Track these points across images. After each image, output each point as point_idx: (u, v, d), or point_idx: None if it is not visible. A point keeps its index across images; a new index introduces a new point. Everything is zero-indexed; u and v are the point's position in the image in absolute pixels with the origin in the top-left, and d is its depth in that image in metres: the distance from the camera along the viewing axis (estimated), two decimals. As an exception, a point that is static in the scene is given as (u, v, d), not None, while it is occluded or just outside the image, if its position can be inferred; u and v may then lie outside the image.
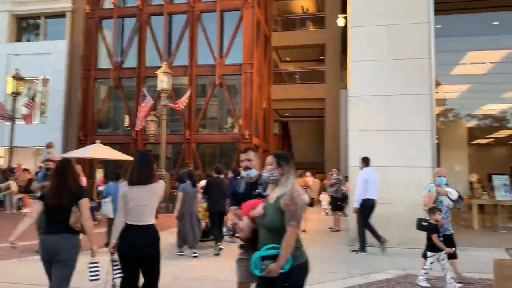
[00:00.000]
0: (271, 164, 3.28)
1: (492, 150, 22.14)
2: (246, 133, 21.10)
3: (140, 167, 3.97)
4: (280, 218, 3.08)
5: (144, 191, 3.91)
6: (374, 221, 8.71)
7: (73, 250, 3.84)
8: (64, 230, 3.81)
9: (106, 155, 13.24)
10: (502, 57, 13.21)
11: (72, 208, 3.85)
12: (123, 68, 23.27)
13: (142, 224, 3.87)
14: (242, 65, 21.62)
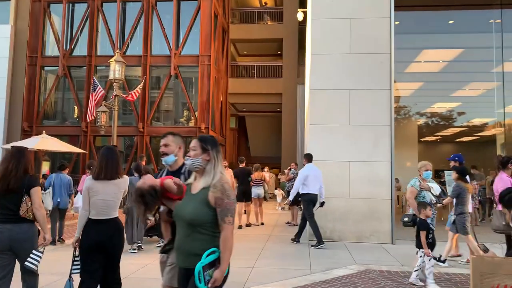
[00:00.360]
0: (194, 149, 2.83)
1: (439, 148, 23.00)
2: (203, 126, 20.64)
3: (106, 162, 3.96)
4: (204, 212, 2.64)
5: (110, 186, 3.93)
6: (333, 215, 8.64)
7: (31, 239, 3.88)
8: (18, 219, 3.81)
9: (53, 147, 12.38)
10: (455, 56, 13.59)
11: (23, 196, 3.82)
12: (73, 56, 22.07)
13: (105, 218, 3.88)
14: (199, 56, 21.09)
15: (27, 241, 3.85)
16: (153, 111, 21.34)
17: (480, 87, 16.48)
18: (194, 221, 2.64)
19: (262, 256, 7.04)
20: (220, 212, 2.62)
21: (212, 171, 2.74)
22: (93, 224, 3.85)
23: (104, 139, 21.76)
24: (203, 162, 2.78)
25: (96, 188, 3.88)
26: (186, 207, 2.72)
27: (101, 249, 3.80)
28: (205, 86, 21.05)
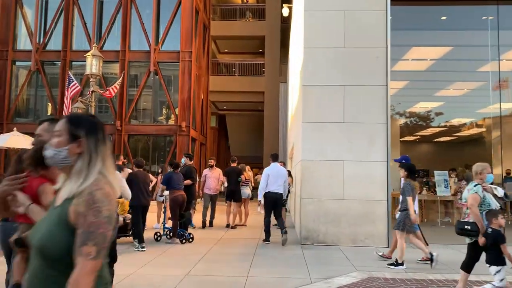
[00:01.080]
0: (59, 135, 1.78)
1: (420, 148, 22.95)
2: (183, 124, 20.00)
3: None
4: (60, 236, 1.62)
5: None
6: (326, 218, 8.23)
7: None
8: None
9: (25, 145, 11.55)
10: (443, 55, 13.39)
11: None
12: (46, 50, 21.07)
13: None
14: (179, 52, 20.42)
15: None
16: (131, 109, 20.57)
17: (464, 86, 16.40)
18: (44, 250, 1.63)
19: (255, 264, 6.56)
20: (79, 236, 1.59)
21: (85, 171, 1.71)
22: None
23: (80, 138, 20.88)
24: (72, 157, 1.75)
25: None
26: (38, 228, 1.73)
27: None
28: (186, 83, 20.41)
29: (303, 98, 8.49)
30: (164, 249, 7.73)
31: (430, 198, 12.73)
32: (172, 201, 8.54)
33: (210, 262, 6.61)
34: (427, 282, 5.49)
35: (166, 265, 6.44)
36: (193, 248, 7.91)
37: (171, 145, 20.53)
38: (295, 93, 11.21)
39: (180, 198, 8.58)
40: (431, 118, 19.86)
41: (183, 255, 7.21)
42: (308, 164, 8.36)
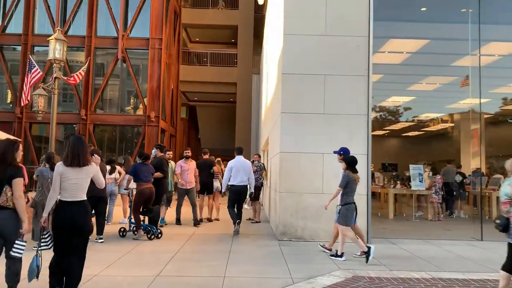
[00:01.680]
0: None
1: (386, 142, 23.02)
2: (152, 115, 19.27)
3: (77, 151, 4.23)
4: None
5: (80, 172, 4.23)
6: (305, 213, 7.89)
7: (14, 224, 4.06)
8: (1, 207, 3.99)
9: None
10: (420, 47, 13.28)
11: (3, 186, 4.00)
12: (6, 34, 19.84)
13: (77, 199, 4.22)
14: (149, 39, 19.64)
15: (7, 227, 4.04)
16: (98, 97, 19.67)
17: (437, 81, 16.41)
18: None
19: (232, 261, 6.13)
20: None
21: None
22: (65, 205, 4.18)
23: (42, 127, 19.80)
24: None
25: (68, 173, 4.18)
26: None
27: (72, 227, 4.13)
28: (155, 71, 19.66)
29: (282, 88, 8.09)
30: (131, 246, 7.19)
31: (405, 192, 12.65)
32: (139, 194, 7.97)
33: (182, 261, 6.14)
34: (413, 281, 5.22)
35: (134, 264, 5.92)
36: (163, 245, 7.41)
37: (139, 136, 19.78)
38: (272, 82, 10.79)
39: (148, 192, 8.01)
40: (400, 113, 19.91)
41: (152, 253, 6.70)
42: (287, 157, 7.98)
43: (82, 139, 4.37)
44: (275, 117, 9.59)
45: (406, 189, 12.50)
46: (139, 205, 7.96)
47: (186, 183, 9.94)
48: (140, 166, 8.15)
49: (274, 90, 10.00)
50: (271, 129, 10.83)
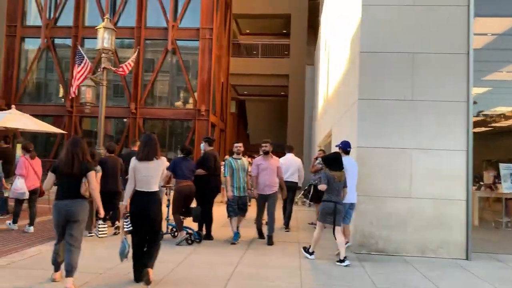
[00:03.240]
0: None
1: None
2: (203, 108, 18.42)
3: (147, 147, 4.80)
4: None
5: (150, 166, 4.75)
6: (387, 221, 6.54)
7: (84, 211, 4.65)
8: (77, 196, 4.57)
9: (23, 125, 10.05)
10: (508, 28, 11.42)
11: (81, 178, 4.56)
12: (57, 26, 19.65)
13: (149, 190, 4.72)
14: (200, 29, 18.77)
15: (83, 213, 4.61)
16: (147, 91, 19.04)
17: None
18: None
19: (307, 282, 4.94)
20: None
21: None
22: (139, 195, 4.70)
23: (93, 121, 19.48)
24: None
25: (140, 167, 4.70)
26: None
27: (145, 213, 4.69)
28: (206, 63, 18.77)
29: (360, 69, 6.75)
30: (179, 255, 6.13)
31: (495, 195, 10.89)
32: (176, 193, 7.03)
33: (247, 279, 5.00)
34: None
35: (189, 283, 4.85)
36: (219, 254, 6.32)
37: (189, 130, 19.01)
38: (339, 68, 9.43)
39: (187, 190, 7.01)
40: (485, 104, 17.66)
41: (207, 265, 5.62)
42: (365, 152, 6.66)
43: (151, 137, 4.91)
44: (345, 106, 8.26)
45: (494, 191, 10.74)
46: (178, 205, 7.02)
47: (264, 186, 7.31)
48: (180, 161, 7.19)
49: (344, 75, 8.66)
50: (338, 121, 9.50)
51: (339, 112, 9.21)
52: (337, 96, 9.81)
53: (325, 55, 14.52)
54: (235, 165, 7.22)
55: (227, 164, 7.25)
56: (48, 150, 19.32)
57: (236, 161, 7.25)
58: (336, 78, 10.34)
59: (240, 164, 7.24)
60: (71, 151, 4.56)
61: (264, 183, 7.24)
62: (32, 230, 7.52)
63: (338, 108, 9.52)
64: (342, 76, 9.04)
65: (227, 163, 7.29)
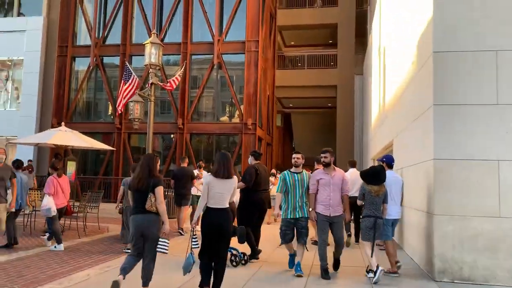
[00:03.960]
0: None
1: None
2: (249, 122, 17.98)
3: (223, 164, 4.83)
4: None
5: (224, 183, 4.80)
6: (473, 244, 5.66)
7: (154, 226, 4.72)
8: (147, 211, 4.67)
9: (73, 142, 9.93)
10: None
11: (148, 194, 4.67)
12: (106, 45, 19.98)
13: (221, 207, 4.77)
14: (245, 42, 18.46)
15: (153, 228, 4.71)
16: (194, 105, 18.86)
17: None
18: None
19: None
20: None
21: None
22: (211, 211, 4.77)
23: (141, 137, 19.52)
24: None
25: (214, 183, 4.78)
26: None
27: (217, 230, 4.74)
28: (252, 75, 18.39)
29: (435, 72, 5.98)
30: (238, 281, 5.52)
31: None
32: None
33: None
34: None
35: None
36: (278, 283, 5.66)
37: (236, 145, 18.61)
38: (404, 70, 8.61)
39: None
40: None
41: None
42: (442, 166, 5.84)
43: (226, 155, 4.96)
44: (412, 115, 7.46)
45: None
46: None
47: (327, 207, 5.93)
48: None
49: (409, 81, 7.86)
50: (401, 131, 8.68)
51: (404, 122, 8.40)
52: (399, 104, 9.00)
53: (378, 62, 13.70)
54: (290, 179, 6.05)
55: (281, 178, 6.23)
56: (98, 167, 19.51)
57: (293, 175, 6.10)
58: (396, 85, 9.53)
59: (298, 179, 6.06)
60: (141, 168, 4.80)
61: (327, 203, 5.90)
62: (62, 248, 7.40)
63: (402, 117, 8.71)
64: (405, 82, 8.24)
65: (281, 177, 6.26)
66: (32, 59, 20.99)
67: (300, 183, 6.07)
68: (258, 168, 7.12)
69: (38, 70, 20.93)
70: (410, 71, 7.79)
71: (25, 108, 20.76)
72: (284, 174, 6.22)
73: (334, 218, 5.91)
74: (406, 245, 8.07)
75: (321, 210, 5.93)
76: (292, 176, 6.12)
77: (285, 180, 6.11)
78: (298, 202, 6.01)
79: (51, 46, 20.89)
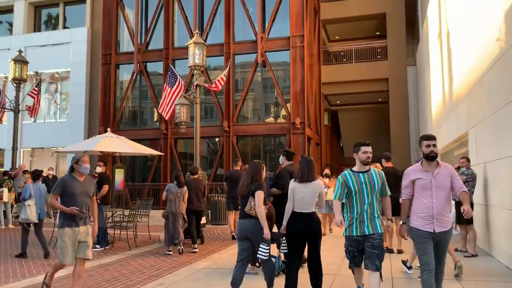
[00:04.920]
0: None
1: None
2: (297, 121, 17.14)
3: (307, 170, 4.87)
4: None
5: (308, 187, 4.82)
6: None
7: (253, 230, 4.79)
8: (247, 215, 4.82)
9: (119, 148, 9.52)
10: None
11: (249, 198, 4.83)
12: (148, 50, 19.80)
13: (306, 211, 4.78)
14: (290, 38, 17.66)
15: (254, 233, 4.76)
16: (239, 107, 18.25)
17: None
18: None
19: None
20: None
21: None
22: (297, 216, 4.78)
23: (187, 142, 19.16)
24: None
25: (298, 188, 4.83)
26: None
27: (303, 234, 4.74)
28: (298, 72, 17.55)
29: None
30: None
31: None
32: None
33: None
34: None
35: None
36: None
37: (284, 146, 17.82)
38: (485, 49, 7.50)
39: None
40: None
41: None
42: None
43: (309, 160, 4.97)
44: (499, 102, 6.37)
45: None
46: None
47: (431, 218, 4.20)
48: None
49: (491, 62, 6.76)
50: (483, 121, 7.56)
51: (485, 111, 7.30)
52: (479, 91, 7.87)
53: (440, 49, 12.50)
54: (354, 182, 4.39)
55: (339, 181, 4.52)
56: (146, 174, 19.31)
57: (358, 176, 4.41)
58: (467, 71, 8.40)
59: (366, 181, 4.37)
60: (246, 174, 5.02)
61: (429, 213, 4.18)
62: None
63: (481, 106, 7.60)
64: (485, 65, 7.14)
65: (339, 179, 4.55)
66: (78, 70, 21.19)
67: (369, 186, 4.37)
68: (293, 170, 6.29)
69: (84, 80, 21.10)
70: (492, 51, 6.70)
71: (74, 119, 20.96)
72: (344, 175, 4.48)
73: (440, 235, 4.18)
74: (495, 249, 6.97)
75: (420, 223, 4.22)
76: (357, 176, 4.41)
77: (346, 183, 4.43)
78: (369, 212, 4.35)
79: (96, 56, 21.00)
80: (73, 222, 4.62)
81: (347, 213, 4.45)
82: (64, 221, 4.63)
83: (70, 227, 4.60)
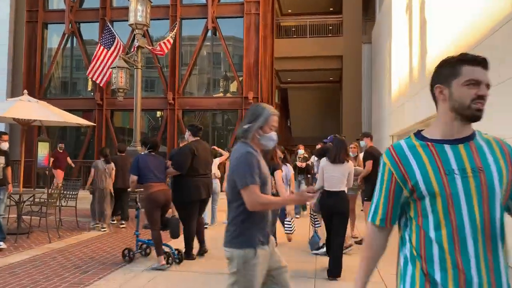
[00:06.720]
0: None
1: None
2: (251, 96, 15.81)
3: (338, 150, 5.14)
4: None
5: (338, 167, 5.12)
6: None
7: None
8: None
9: (39, 115, 7.57)
10: None
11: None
12: (82, 9, 17.41)
13: (335, 190, 5.07)
14: (244, 3, 16.11)
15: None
16: (186, 78, 16.54)
17: None
18: None
19: None
20: None
21: None
22: (327, 194, 5.07)
23: (126, 115, 17.22)
24: None
25: (328, 168, 5.16)
26: None
27: (333, 211, 5.04)
28: (252, 43, 16.13)
29: None
30: None
31: None
32: (151, 201, 5.29)
33: None
34: None
35: None
36: None
37: (235, 122, 16.47)
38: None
39: (161, 196, 5.28)
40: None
41: None
42: None
43: (342, 140, 5.31)
44: (507, 73, 5.40)
45: None
46: (155, 218, 5.31)
47: None
48: (145, 158, 5.39)
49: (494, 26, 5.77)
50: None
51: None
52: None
53: (409, 22, 11.60)
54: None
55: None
56: (77, 150, 17.16)
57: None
58: (450, 42, 7.46)
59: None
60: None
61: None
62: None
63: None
64: (486, 29, 6.16)
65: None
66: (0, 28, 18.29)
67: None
68: (197, 148, 5.52)
69: (7, 41, 18.23)
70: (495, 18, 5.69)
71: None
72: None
73: None
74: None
75: None
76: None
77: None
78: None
79: (21, 13, 18.17)
80: None
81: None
82: None
83: None
